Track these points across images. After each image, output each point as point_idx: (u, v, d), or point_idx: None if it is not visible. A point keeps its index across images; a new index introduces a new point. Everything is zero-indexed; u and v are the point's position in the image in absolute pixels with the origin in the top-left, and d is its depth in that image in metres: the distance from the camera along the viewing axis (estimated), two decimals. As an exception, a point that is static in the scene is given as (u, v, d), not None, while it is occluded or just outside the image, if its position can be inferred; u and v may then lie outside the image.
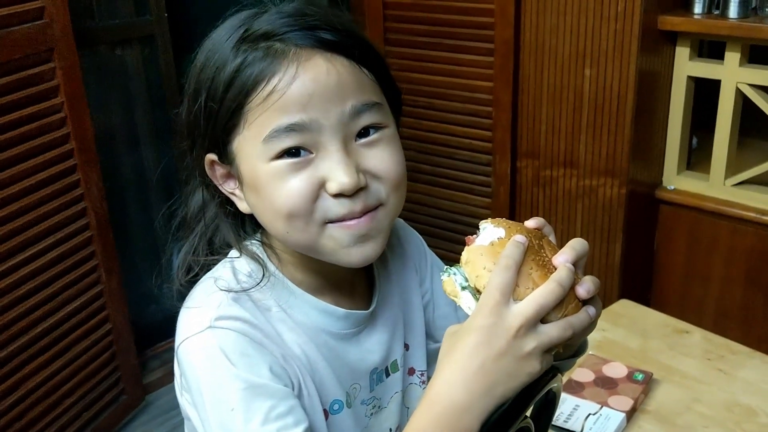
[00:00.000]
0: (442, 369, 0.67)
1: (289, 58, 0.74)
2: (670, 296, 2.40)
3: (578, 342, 0.78)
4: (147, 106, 2.59)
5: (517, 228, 0.71)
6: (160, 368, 2.63)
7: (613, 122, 2.20)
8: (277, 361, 0.78)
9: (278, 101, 0.73)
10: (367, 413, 0.89)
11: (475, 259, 0.69)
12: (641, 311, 1.60)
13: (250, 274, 0.82)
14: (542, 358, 0.66)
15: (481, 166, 2.56)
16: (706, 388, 1.34)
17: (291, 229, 0.77)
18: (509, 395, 0.65)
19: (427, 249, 1.03)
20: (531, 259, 0.68)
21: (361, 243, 0.78)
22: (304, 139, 0.74)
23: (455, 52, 2.48)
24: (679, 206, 2.32)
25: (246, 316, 0.79)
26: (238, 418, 0.73)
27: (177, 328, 0.82)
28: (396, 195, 0.80)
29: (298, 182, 0.75)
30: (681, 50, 2.20)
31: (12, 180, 1.91)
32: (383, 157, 0.78)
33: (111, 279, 2.25)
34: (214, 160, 0.82)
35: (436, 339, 0.99)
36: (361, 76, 0.77)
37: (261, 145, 0.75)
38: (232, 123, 0.77)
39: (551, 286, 0.66)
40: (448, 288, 0.71)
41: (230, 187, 0.83)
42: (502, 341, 0.64)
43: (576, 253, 0.70)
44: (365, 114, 0.77)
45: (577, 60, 2.21)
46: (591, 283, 0.69)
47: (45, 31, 1.94)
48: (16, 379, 1.97)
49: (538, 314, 0.65)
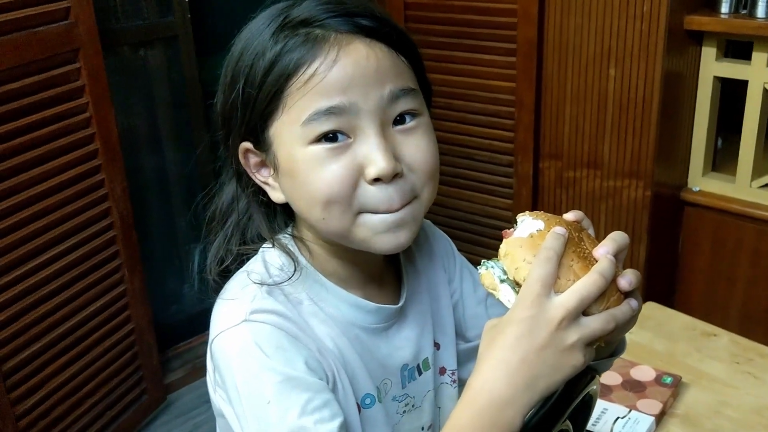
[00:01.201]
0: (483, 363, 0.66)
1: (330, 42, 0.75)
2: (694, 299, 2.38)
3: (619, 338, 0.77)
4: (170, 107, 2.61)
5: (556, 220, 0.70)
6: (181, 368, 2.64)
7: (638, 123, 2.18)
8: (312, 354, 0.78)
9: (318, 85, 0.74)
10: (399, 410, 0.89)
11: (514, 252, 0.68)
12: (667, 314, 1.59)
13: (281, 268, 0.82)
14: (585, 350, 0.65)
15: (502, 167, 2.54)
16: (735, 392, 1.32)
17: (327, 216, 0.77)
18: (552, 389, 0.64)
19: (455, 249, 1.03)
20: (572, 251, 0.67)
21: (394, 230, 0.78)
22: (342, 122, 0.75)
23: (477, 53, 2.47)
24: (704, 208, 2.30)
25: (280, 309, 0.79)
26: (274, 411, 0.73)
27: (211, 321, 0.82)
28: (429, 187, 0.80)
29: (338, 168, 0.75)
30: (707, 50, 2.18)
31: (37, 180, 1.92)
32: (419, 145, 0.79)
33: (134, 279, 2.26)
34: (248, 149, 0.82)
35: (466, 339, 0.98)
36: (399, 63, 0.78)
37: (299, 128, 0.75)
38: (270, 108, 0.77)
39: (593, 278, 0.65)
40: (487, 281, 0.70)
41: (263, 176, 0.83)
42: (544, 333, 0.63)
43: (617, 245, 0.69)
44: (402, 99, 0.77)
45: (601, 60, 2.19)
46: (633, 275, 0.68)
47: (70, 31, 1.95)
48: (40, 378, 1.98)
49: (581, 306, 0.64)
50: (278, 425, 0.73)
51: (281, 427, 0.73)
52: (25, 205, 1.90)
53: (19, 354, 1.91)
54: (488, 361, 0.65)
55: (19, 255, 1.89)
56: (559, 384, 0.65)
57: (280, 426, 0.73)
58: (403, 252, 0.93)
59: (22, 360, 1.92)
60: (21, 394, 1.92)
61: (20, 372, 1.92)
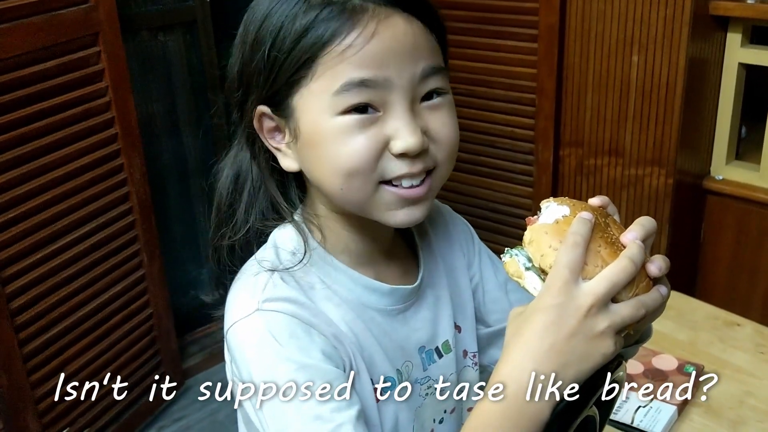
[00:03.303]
0: (510, 351, 0.65)
1: (369, 14, 0.73)
2: (716, 288, 2.35)
3: (647, 325, 0.75)
4: (188, 92, 2.61)
5: (582, 206, 0.69)
6: (199, 353, 2.65)
7: (661, 110, 2.15)
8: (328, 341, 0.77)
9: (355, 56, 0.72)
10: (421, 393, 0.88)
11: (539, 238, 0.66)
12: (689, 303, 1.57)
13: (293, 252, 0.81)
14: (615, 338, 0.63)
15: (522, 154, 2.52)
16: (759, 382, 1.30)
17: (347, 186, 0.76)
18: (582, 378, 0.63)
19: (475, 234, 1.02)
20: (599, 236, 0.65)
21: (411, 205, 0.78)
22: (374, 96, 0.74)
23: (498, 38, 2.45)
24: (727, 197, 2.27)
25: (293, 296, 0.78)
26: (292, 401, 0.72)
27: (225, 312, 0.81)
28: (449, 160, 0.80)
29: (364, 140, 0.74)
30: (733, 36, 2.15)
31: (56, 164, 1.93)
32: (445, 121, 0.78)
33: (153, 264, 2.27)
34: (264, 113, 0.80)
35: (487, 323, 0.97)
36: (432, 40, 0.78)
37: (330, 97, 0.74)
38: (298, 75, 0.75)
39: (623, 263, 0.63)
40: (511, 269, 0.69)
41: (277, 142, 0.82)
42: (573, 321, 0.62)
43: (645, 230, 0.68)
44: (433, 77, 0.76)
45: (624, 46, 2.17)
46: (662, 260, 0.67)
47: (90, 15, 1.95)
48: (59, 361, 1.99)
49: (610, 292, 0.62)
50: (294, 415, 0.72)
51: (297, 417, 0.72)
52: (44, 189, 1.90)
53: (38, 338, 1.92)
54: (516, 349, 0.64)
55: (38, 239, 1.90)
56: (588, 372, 0.63)
57: (297, 415, 0.72)
58: (418, 234, 0.93)
59: (42, 343, 1.93)
60: (41, 377, 1.94)
61: (40, 355, 1.93)
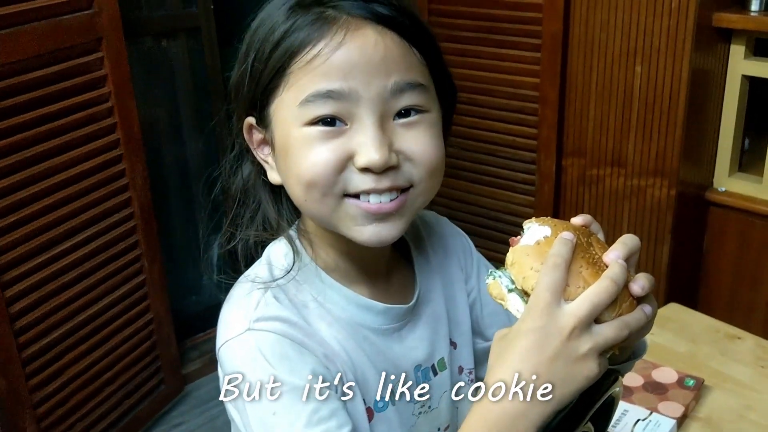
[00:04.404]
0: (494, 374, 0.64)
1: (339, 24, 0.72)
2: (718, 300, 2.35)
3: (634, 344, 0.75)
4: (191, 98, 2.61)
5: (564, 226, 0.68)
6: (199, 359, 2.65)
7: (664, 121, 2.15)
8: (319, 361, 0.76)
9: (321, 66, 0.72)
10: (414, 412, 0.87)
11: (521, 260, 0.66)
12: (690, 315, 1.56)
13: (286, 270, 0.80)
14: (599, 359, 0.62)
15: (524, 163, 2.52)
16: (759, 396, 1.29)
17: (309, 197, 0.75)
18: (566, 400, 0.63)
19: (473, 247, 1.01)
20: (580, 256, 0.65)
21: (378, 222, 0.75)
22: (340, 108, 0.72)
23: (501, 47, 2.46)
24: (729, 208, 2.27)
25: (285, 315, 0.77)
26: (280, 422, 0.72)
27: (218, 329, 0.80)
28: (429, 180, 0.77)
29: (326, 151, 0.73)
30: (736, 48, 2.15)
31: (59, 168, 1.93)
32: (421, 139, 0.75)
33: (153, 269, 2.27)
34: (252, 124, 0.81)
35: (485, 337, 0.97)
36: (410, 56, 0.75)
37: (297, 108, 0.73)
38: (273, 84, 0.75)
39: (604, 284, 0.63)
40: (494, 291, 0.68)
41: (264, 154, 0.82)
42: (556, 343, 0.61)
43: (627, 249, 0.67)
44: (408, 93, 0.74)
45: (627, 57, 2.17)
46: (645, 279, 0.66)
47: (94, 20, 1.95)
48: (59, 366, 1.99)
49: (592, 314, 0.62)
50: None
51: None
52: (46, 193, 1.90)
53: (38, 342, 1.92)
54: (499, 373, 0.64)
55: (39, 243, 1.90)
56: (573, 395, 0.63)
57: None
58: (415, 248, 0.92)
59: (42, 348, 1.93)
60: (40, 381, 1.93)
61: (39, 359, 1.93)
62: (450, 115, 0.85)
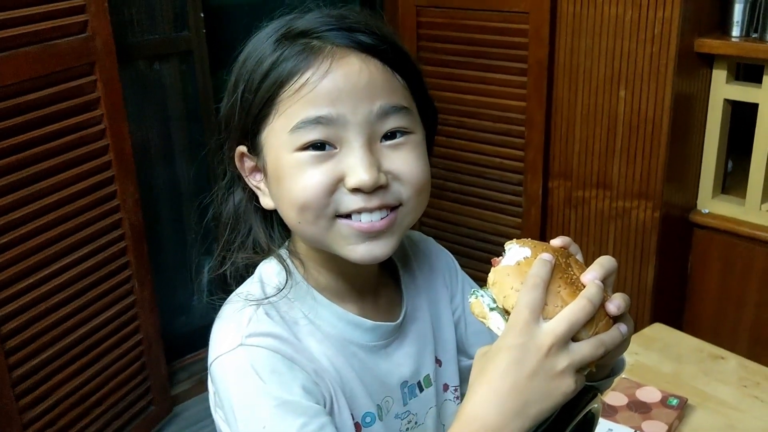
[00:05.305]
0: (474, 391, 0.66)
1: (325, 54, 0.76)
2: (703, 321, 2.37)
3: (611, 362, 0.78)
4: (183, 121, 2.63)
5: (543, 247, 0.71)
6: (188, 380, 2.64)
7: (648, 144, 2.19)
8: (309, 377, 0.78)
9: (309, 94, 0.75)
10: (402, 428, 0.89)
11: (502, 280, 0.69)
12: (675, 335, 1.59)
13: (277, 287, 0.83)
14: (575, 376, 0.65)
15: (511, 185, 2.55)
16: (742, 416, 1.31)
17: (303, 219, 0.78)
18: (544, 416, 0.65)
19: (458, 266, 1.03)
20: (559, 277, 0.67)
21: (370, 240, 0.78)
22: (329, 132, 0.75)
23: (488, 72, 2.49)
24: (713, 230, 2.30)
25: (276, 332, 0.79)
26: None
27: (210, 344, 0.82)
28: (417, 198, 0.80)
29: (318, 174, 0.76)
30: (718, 73, 2.19)
31: (51, 190, 1.95)
32: (406, 159, 0.79)
33: (143, 290, 2.28)
34: (243, 153, 0.84)
35: (469, 355, 0.98)
36: (393, 81, 0.79)
37: (287, 135, 0.76)
38: (263, 113, 0.78)
39: (581, 303, 0.65)
40: (476, 310, 0.71)
41: (256, 180, 0.85)
42: (534, 360, 0.64)
43: (604, 270, 0.70)
44: (393, 116, 0.78)
45: (612, 82, 2.21)
46: (621, 299, 0.69)
47: (87, 44, 1.98)
48: (48, 386, 1.99)
49: (569, 332, 0.64)
50: None
51: None
52: (38, 214, 1.92)
53: (28, 362, 1.92)
54: (479, 389, 0.66)
55: (30, 264, 1.91)
56: (550, 410, 0.65)
57: None
58: (402, 266, 0.94)
59: (31, 368, 1.93)
60: (29, 401, 1.94)
61: (29, 380, 1.93)
62: (432, 136, 0.88)
